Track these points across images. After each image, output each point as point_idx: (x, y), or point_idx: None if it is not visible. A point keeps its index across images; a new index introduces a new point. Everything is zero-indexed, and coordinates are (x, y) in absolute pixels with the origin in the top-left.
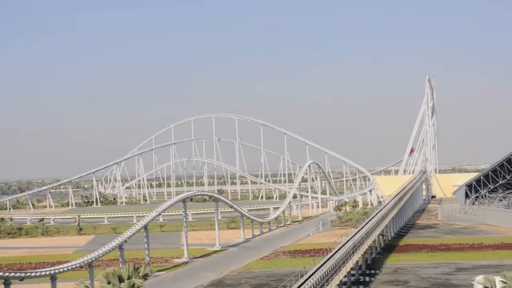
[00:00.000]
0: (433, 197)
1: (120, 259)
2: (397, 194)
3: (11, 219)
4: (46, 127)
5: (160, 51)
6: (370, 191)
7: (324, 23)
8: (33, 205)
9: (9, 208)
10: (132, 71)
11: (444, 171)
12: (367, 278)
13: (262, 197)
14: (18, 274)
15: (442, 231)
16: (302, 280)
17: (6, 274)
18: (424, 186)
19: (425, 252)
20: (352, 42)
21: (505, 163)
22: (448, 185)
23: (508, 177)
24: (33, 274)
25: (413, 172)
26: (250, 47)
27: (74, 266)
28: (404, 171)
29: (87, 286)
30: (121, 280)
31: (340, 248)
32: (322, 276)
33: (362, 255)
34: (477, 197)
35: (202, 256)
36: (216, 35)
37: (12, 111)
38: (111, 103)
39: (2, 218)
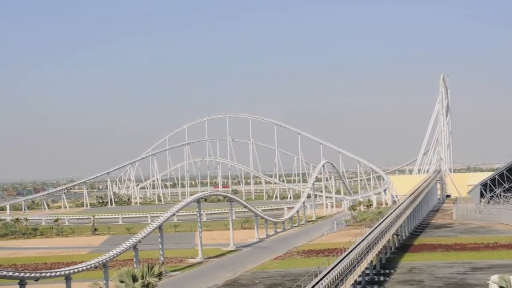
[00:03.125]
0: (448, 196)
1: (135, 259)
2: (412, 194)
3: (26, 220)
4: (60, 127)
5: (174, 50)
6: (385, 190)
7: (334, 25)
8: (48, 205)
9: (24, 209)
10: (146, 71)
11: (458, 170)
12: (381, 278)
13: (276, 197)
14: (33, 275)
15: (457, 230)
16: (316, 280)
17: (22, 274)
18: (438, 186)
19: (440, 252)
20: (365, 43)
21: None
22: (462, 185)
23: None
24: (48, 275)
25: (427, 172)
26: (264, 47)
27: (89, 267)
28: (419, 170)
29: (101, 287)
30: (135, 280)
31: (355, 248)
32: (336, 276)
33: (377, 254)
34: (492, 196)
35: (216, 256)
36: (230, 34)
37: (26, 112)
38: (125, 103)
39: (18, 219)
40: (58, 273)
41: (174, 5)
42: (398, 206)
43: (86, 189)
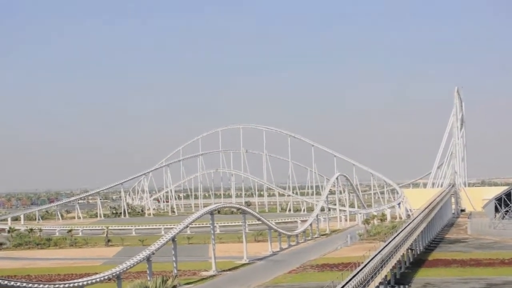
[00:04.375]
0: (463, 210)
1: (148, 272)
2: (426, 208)
3: (40, 230)
4: (74, 139)
5: (187, 61)
6: (399, 204)
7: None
8: (61, 215)
9: (38, 219)
10: (159, 82)
11: (473, 184)
12: None
13: (289, 210)
14: (47, 286)
15: (472, 245)
16: None
17: (36, 285)
18: (453, 200)
19: (455, 267)
20: (379, 54)
21: None
22: (477, 199)
23: None
24: (61, 286)
25: (441, 185)
26: (278, 57)
27: (102, 278)
28: (433, 184)
29: None
30: None
31: (369, 262)
32: None
33: (391, 269)
34: (507, 211)
35: (230, 269)
36: (243, 45)
37: (42, 123)
38: (139, 114)
39: (32, 229)
40: (72, 285)
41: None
42: (413, 220)
43: (100, 199)
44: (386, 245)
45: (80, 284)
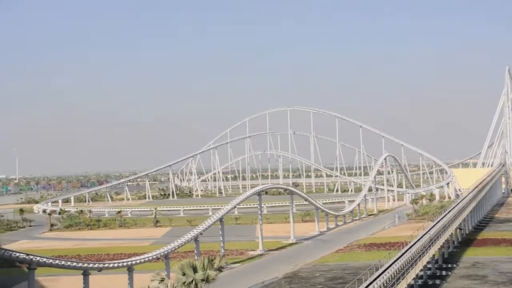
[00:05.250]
0: None
1: (196, 251)
2: (476, 187)
3: (90, 212)
4: (124, 121)
5: (238, 45)
6: (448, 184)
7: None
8: (111, 197)
9: (88, 201)
10: (208, 66)
11: None
12: (444, 272)
13: (337, 190)
14: (96, 265)
15: None
16: (377, 273)
17: (85, 265)
18: (503, 179)
19: (504, 246)
20: (427, 35)
21: None
22: None
23: None
24: (111, 265)
25: (492, 165)
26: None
27: (150, 258)
28: (483, 163)
29: (163, 278)
30: (196, 271)
31: (417, 241)
32: (397, 270)
33: (439, 249)
34: None
35: (276, 249)
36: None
37: (92, 107)
38: (187, 96)
39: (82, 211)
40: (120, 264)
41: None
42: (462, 200)
43: (149, 181)
44: (435, 225)
45: (129, 263)
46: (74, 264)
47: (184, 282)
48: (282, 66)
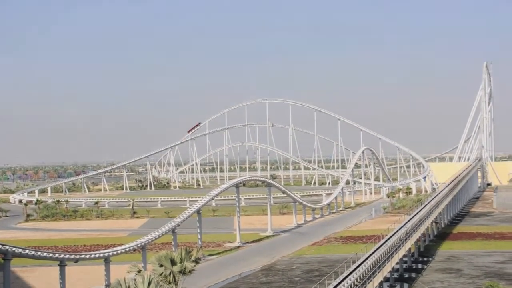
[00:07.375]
0: (489, 184)
1: (173, 243)
2: (452, 181)
3: (67, 202)
4: (101, 113)
5: (214, 36)
6: (424, 178)
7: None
8: (88, 188)
9: (65, 191)
10: (185, 57)
11: (500, 158)
12: (419, 266)
13: (315, 183)
14: (73, 256)
15: (497, 219)
16: (354, 266)
17: (62, 256)
18: (479, 174)
19: (479, 240)
20: (407, 29)
21: None
22: (504, 173)
23: None
24: (87, 256)
25: (468, 159)
26: (305, 33)
27: (127, 249)
28: (459, 158)
29: (140, 269)
30: (173, 263)
31: (393, 235)
32: (374, 263)
33: (415, 242)
34: None
35: (254, 241)
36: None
37: (69, 99)
38: (165, 88)
39: (58, 201)
40: (97, 255)
41: None
42: (438, 194)
43: (126, 172)
44: (411, 218)
45: (106, 254)
46: (51, 255)
47: (162, 274)
48: (261, 57)
